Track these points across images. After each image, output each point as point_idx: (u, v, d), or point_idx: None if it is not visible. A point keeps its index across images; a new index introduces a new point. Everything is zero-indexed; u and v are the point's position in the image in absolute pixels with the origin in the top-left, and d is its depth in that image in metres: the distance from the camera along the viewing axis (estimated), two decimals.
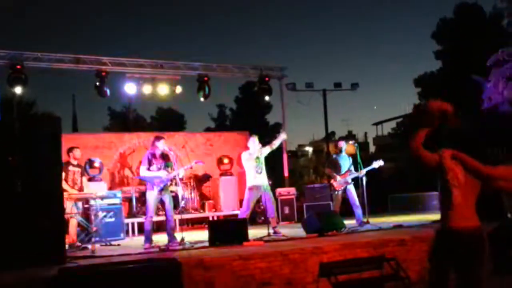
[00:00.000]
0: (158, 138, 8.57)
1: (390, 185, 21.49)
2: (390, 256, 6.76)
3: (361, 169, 9.78)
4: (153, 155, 8.40)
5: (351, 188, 9.76)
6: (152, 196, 8.23)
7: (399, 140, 32.27)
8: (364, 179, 9.86)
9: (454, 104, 3.69)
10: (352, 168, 9.88)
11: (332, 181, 9.86)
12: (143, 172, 8.34)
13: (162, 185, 8.25)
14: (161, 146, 8.47)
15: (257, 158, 9.08)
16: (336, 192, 9.78)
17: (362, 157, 10.04)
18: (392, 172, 30.49)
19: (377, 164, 9.75)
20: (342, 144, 10.20)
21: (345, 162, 9.90)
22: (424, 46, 66.20)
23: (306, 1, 73.23)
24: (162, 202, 8.38)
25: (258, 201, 9.61)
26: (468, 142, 3.94)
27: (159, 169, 8.31)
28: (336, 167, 9.84)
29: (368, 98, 72.11)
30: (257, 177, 9.01)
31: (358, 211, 9.65)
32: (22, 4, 61.19)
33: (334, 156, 10.19)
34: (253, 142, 9.25)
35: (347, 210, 10.15)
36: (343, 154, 10.06)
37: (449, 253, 3.72)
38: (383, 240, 7.15)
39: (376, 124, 45.44)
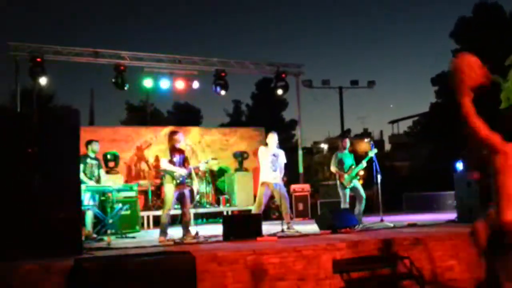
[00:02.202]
0: (175, 133, 8.64)
1: (405, 183, 21.43)
2: (404, 255, 6.77)
3: (377, 168, 9.80)
4: (174, 148, 8.45)
5: (357, 183, 9.86)
6: (170, 190, 8.23)
7: (415, 139, 32.11)
8: (379, 177, 9.87)
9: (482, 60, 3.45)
10: (354, 163, 9.99)
11: (341, 179, 9.92)
12: (165, 164, 8.32)
13: (181, 179, 8.29)
14: (181, 139, 8.57)
15: (274, 155, 9.13)
16: (346, 190, 9.84)
17: (377, 156, 10.04)
18: (407, 171, 30.37)
19: (372, 153, 9.88)
20: (346, 142, 10.31)
21: (349, 160, 10.03)
22: (442, 45, 65.69)
23: (324, 0, 72.96)
24: (180, 196, 8.42)
25: (272, 197, 9.67)
26: None
27: (179, 163, 8.37)
28: (342, 165, 9.95)
29: (384, 96, 71.80)
30: (271, 173, 9.07)
31: (360, 207, 9.70)
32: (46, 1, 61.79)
33: (338, 154, 10.24)
34: (272, 138, 9.27)
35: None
36: (347, 151, 10.19)
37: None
38: (397, 238, 7.13)
39: (392, 122, 45.22)
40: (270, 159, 9.12)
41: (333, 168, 10.13)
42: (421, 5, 74.40)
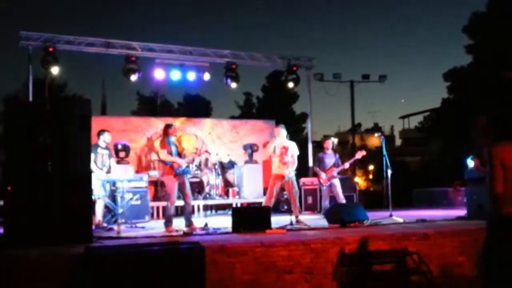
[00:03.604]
0: (170, 125, 8.79)
1: (415, 179, 21.36)
2: (413, 250, 6.76)
3: (387, 162, 9.80)
4: (169, 141, 8.54)
5: (336, 183, 10.38)
6: (172, 181, 8.32)
7: (426, 134, 31.95)
8: (389, 172, 9.87)
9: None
10: (339, 162, 10.46)
11: (319, 177, 10.52)
12: (163, 155, 8.41)
13: (180, 170, 8.35)
14: (176, 133, 8.82)
15: (284, 147, 9.15)
16: (323, 187, 10.44)
17: (387, 151, 10.03)
18: (417, 166, 30.26)
19: (360, 155, 10.41)
20: (328, 143, 10.78)
21: (330, 160, 10.48)
22: (455, 40, 65.27)
23: None
24: (180, 186, 8.46)
25: (283, 189, 9.74)
26: None
27: (175, 154, 8.48)
28: (322, 165, 10.46)
29: (396, 91, 71.54)
30: (281, 166, 9.14)
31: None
32: None
33: (320, 154, 10.74)
34: (280, 131, 9.37)
35: (369, 202, 10.20)
36: (329, 152, 10.64)
37: None
38: (406, 234, 7.13)
39: (403, 117, 45.07)
40: (279, 151, 9.18)
41: (314, 168, 10.86)
42: (434, 0, 73.91)
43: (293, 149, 9.33)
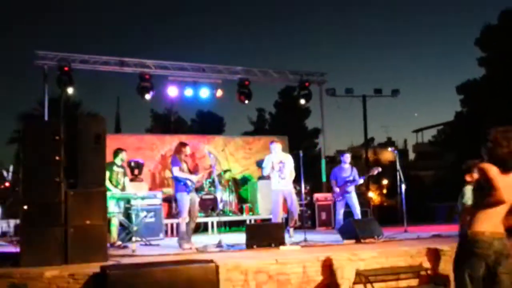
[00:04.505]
0: (184, 144, 8.87)
1: (430, 193, 21.20)
2: (428, 266, 6.71)
3: (401, 177, 9.77)
4: (181, 158, 8.65)
5: (352, 197, 10.29)
6: (185, 197, 8.40)
7: (439, 148, 31.77)
8: (403, 186, 9.83)
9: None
10: (355, 177, 10.34)
11: (332, 192, 10.58)
12: (177, 172, 8.51)
13: (192, 187, 8.48)
14: (188, 152, 8.92)
15: (281, 162, 9.31)
16: (337, 201, 10.45)
17: (401, 165, 10.00)
18: (431, 180, 30.04)
19: (375, 171, 10.48)
20: (346, 157, 10.68)
21: (346, 174, 10.40)
22: (467, 53, 64.95)
23: (347, 9, 72.82)
24: (191, 203, 8.53)
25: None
26: None
27: (187, 172, 8.64)
28: (338, 179, 10.44)
29: (408, 104, 71.27)
30: (280, 181, 9.31)
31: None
32: (73, 10, 62.86)
33: (337, 168, 10.73)
34: (276, 147, 9.50)
35: (383, 217, 10.15)
36: (346, 166, 10.54)
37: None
38: (421, 249, 7.08)
39: (417, 131, 44.81)
40: (278, 167, 9.32)
41: (331, 181, 10.69)
42: (446, 13, 73.83)
43: (290, 163, 9.44)
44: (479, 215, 3.83)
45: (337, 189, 10.34)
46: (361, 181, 10.51)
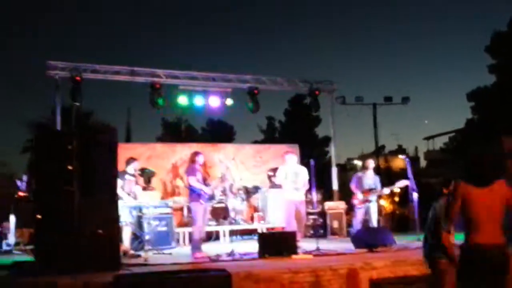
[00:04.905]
0: (197, 154, 9.01)
1: None
2: None
3: (412, 185, 9.70)
4: (195, 168, 8.80)
5: (373, 206, 9.94)
6: (199, 207, 8.52)
7: (451, 155, 31.56)
8: (415, 194, 9.77)
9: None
10: (378, 186, 10.01)
11: (353, 197, 10.09)
12: (193, 182, 8.61)
13: (207, 197, 8.62)
14: (202, 160, 9.03)
15: (295, 173, 9.36)
16: (357, 208, 9.95)
17: (412, 172, 9.94)
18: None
19: (402, 184, 9.92)
20: (369, 163, 10.39)
21: (369, 181, 10.04)
22: (477, 60, 64.67)
23: (357, 16, 72.81)
24: (203, 213, 8.72)
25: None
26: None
27: (201, 181, 8.75)
28: (360, 185, 10.04)
29: (419, 112, 70.76)
30: (293, 191, 9.34)
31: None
32: (84, 20, 63.44)
33: (359, 173, 10.40)
34: (290, 159, 9.57)
35: (395, 225, 10.08)
36: (369, 172, 10.21)
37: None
38: None
39: (428, 138, 44.52)
40: (292, 177, 9.38)
41: (351, 185, 10.25)
42: (456, 20, 73.56)
43: (304, 174, 9.47)
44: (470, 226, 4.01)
45: (360, 196, 9.96)
46: (386, 191, 10.15)
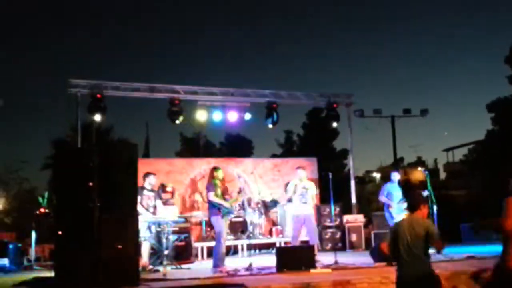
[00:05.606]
0: (217, 169, 9.26)
1: (462, 213, 20.81)
2: None
3: (432, 198, 9.62)
4: (216, 183, 9.00)
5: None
6: (220, 221, 8.77)
7: (471, 167, 31.22)
8: (435, 207, 9.69)
9: None
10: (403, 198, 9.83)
11: (390, 209, 9.90)
12: (213, 197, 8.82)
13: (226, 211, 8.86)
14: (221, 175, 9.21)
15: (304, 187, 9.46)
16: (392, 220, 9.63)
17: (432, 185, 9.87)
18: (464, 200, 29.49)
19: (423, 194, 9.67)
20: (395, 175, 10.28)
21: (398, 193, 10.00)
22: (497, 71, 63.94)
23: (375, 28, 72.62)
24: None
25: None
26: None
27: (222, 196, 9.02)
28: (390, 197, 9.96)
29: (438, 123, 70.05)
30: (301, 206, 9.44)
31: None
32: (102, 38, 64.37)
33: (389, 184, 10.24)
34: (300, 174, 9.66)
35: None
36: (395, 183, 10.15)
37: None
38: (454, 272, 6.97)
39: (447, 150, 44.13)
40: (300, 191, 9.47)
41: (381, 197, 10.11)
42: (474, 31, 73.02)
43: (313, 190, 9.65)
44: None
45: (395, 205, 9.78)
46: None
